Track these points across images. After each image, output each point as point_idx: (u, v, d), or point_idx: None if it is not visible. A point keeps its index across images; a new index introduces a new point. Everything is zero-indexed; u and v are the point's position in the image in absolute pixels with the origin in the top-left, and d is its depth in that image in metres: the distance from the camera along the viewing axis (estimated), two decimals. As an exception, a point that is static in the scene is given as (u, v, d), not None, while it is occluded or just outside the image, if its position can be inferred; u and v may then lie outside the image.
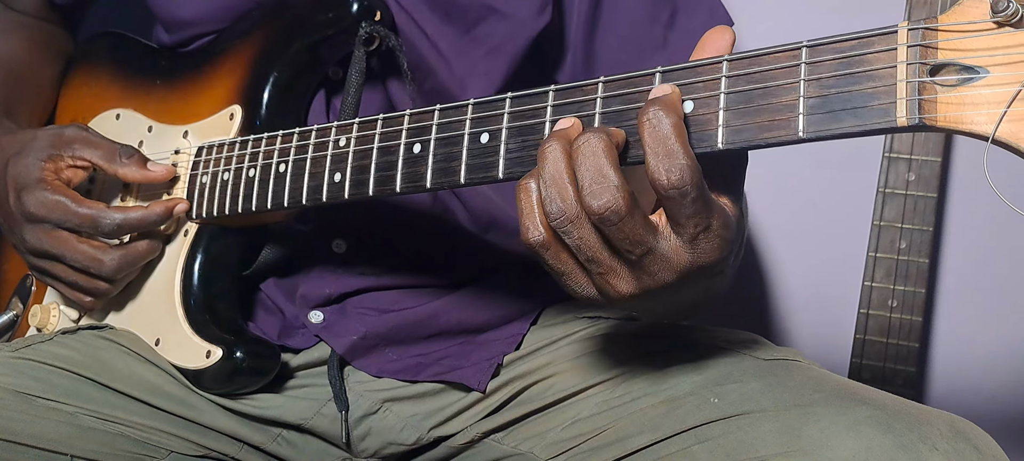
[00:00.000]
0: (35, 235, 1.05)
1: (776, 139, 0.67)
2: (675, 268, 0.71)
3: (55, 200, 1.03)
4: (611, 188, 0.68)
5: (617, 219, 0.68)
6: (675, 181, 0.67)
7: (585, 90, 0.75)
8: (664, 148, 0.67)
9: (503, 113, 0.79)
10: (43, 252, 1.06)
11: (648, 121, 0.68)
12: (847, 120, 0.64)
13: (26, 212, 1.04)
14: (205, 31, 1.18)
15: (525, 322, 1.14)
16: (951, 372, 1.70)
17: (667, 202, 0.68)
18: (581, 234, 0.71)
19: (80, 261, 1.04)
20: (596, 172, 0.68)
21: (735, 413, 0.87)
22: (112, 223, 1.03)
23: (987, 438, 0.81)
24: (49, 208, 1.03)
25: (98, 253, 1.04)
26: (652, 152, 0.68)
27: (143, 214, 1.04)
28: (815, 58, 0.66)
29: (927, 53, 0.62)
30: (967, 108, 0.60)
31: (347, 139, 0.91)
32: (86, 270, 1.05)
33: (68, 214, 1.03)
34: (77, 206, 1.03)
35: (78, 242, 1.04)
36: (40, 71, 1.31)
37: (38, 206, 1.04)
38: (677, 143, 0.67)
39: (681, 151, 0.67)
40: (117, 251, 1.05)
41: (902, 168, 1.52)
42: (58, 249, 1.04)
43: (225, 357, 1.01)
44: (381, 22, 1.06)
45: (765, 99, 0.67)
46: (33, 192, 1.04)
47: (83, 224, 1.03)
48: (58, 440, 0.96)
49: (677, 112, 0.69)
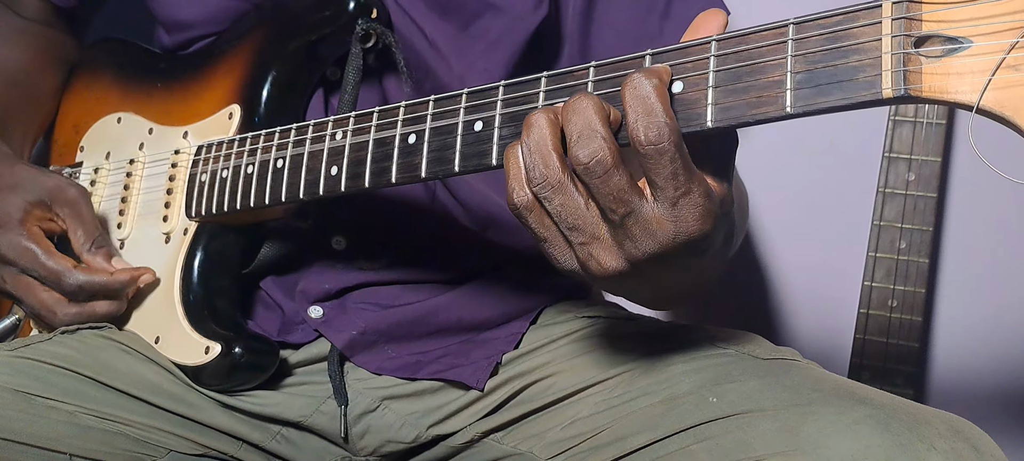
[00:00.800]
0: (3, 275, 1.08)
1: (764, 115, 0.67)
2: (658, 236, 0.71)
3: (26, 247, 1.05)
4: (598, 138, 0.69)
5: (602, 170, 0.69)
6: (653, 137, 0.68)
7: (576, 75, 0.76)
8: (644, 106, 0.68)
9: (496, 101, 0.80)
10: (5, 291, 1.09)
11: (630, 83, 0.69)
12: (834, 94, 0.64)
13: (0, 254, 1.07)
14: (205, 33, 1.19)
15: (525, 321, 1.14)
16: (951, 372, 1.70)
17: (646, 161, 0.69)
18: (562, 201, 0.71)
19: (36, 308, 1.07)
20: (585, 125, 0.70)
21: (734, 412, 0.87)
22: (74, 283, 1.05)
23: (986, 438, 0.82)
24: (18, 253, 1.05)
25: (54, 306, 1.07)
26: (632, 110, 0.69)
27: (106, 280, 1.06)
28: (801, 35, 0.66)
29: (911, 26, 0.62)
30: (952, 78, 0.61)
31: (343, 132, 0.92)
32: (39, 316, 1.08)
33: (35, 264, 1.05)
34: (46, 259, 1.05)
35: (40, 290, 1.06)
36: (41, 80, 1.32)
37: (9, 248, 1.06)
38: (657, 102, 0.68)
39: (661, 110, 0.68)
40: (73, 307, 1.07)
41: (902, 168, 1.52)
42: (19, 292, 1.07)
43: (224, 353, 1.02)
44: (377, 19, 1.07)
45: (753, 76, 0.68)
46: (7, 233, 1.06)
47: (48, 278, 1.05)
48: (57, 439, 0.96)
49: (660, 77, 0.70)
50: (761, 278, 1.73)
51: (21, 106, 1.28)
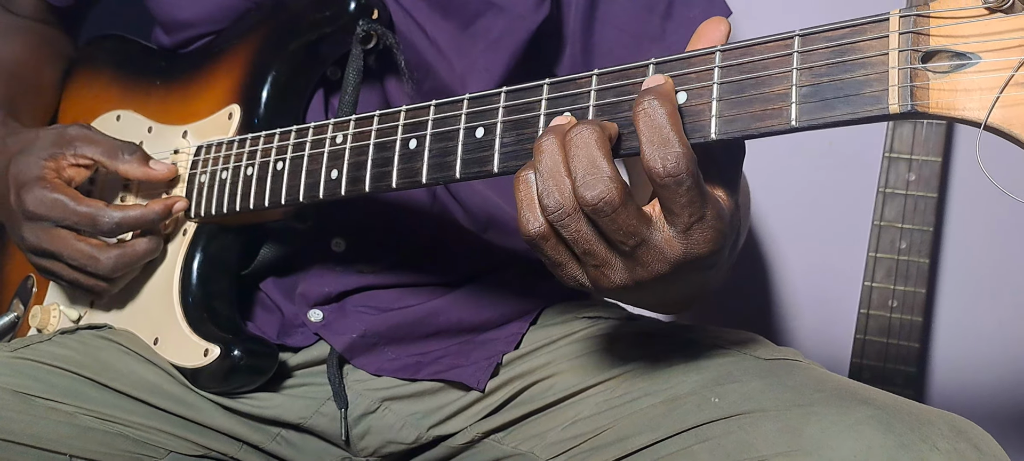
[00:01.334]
0: (34, 233, 1.05)
1: (769, 128, 0.67)
2: (668, 259, 0.71)
3: (54, 198, 1.03)
4: (604, 178, 0.68)
5: (610, 210, 0.68)
6: (671, 168, 0.67)
7: (579, 83, 0.75)
8: (659, 136, 0.67)
9: (498, 107, 0.79)
10: (42, 250, 1.05)
11: (643, 110, 0.68)
12: (840, 108, 0.64)
13: (25, 210, 1.04)
14: (204, 32, 1.19)
15: (525, 321, 1.14)
16: (951, 372, 1.70)
17: (662, 190, 0.69)
18: (577, 227, 0.71)
19: (78, 259, 1.04)
20: (589, 163, 0.69)
21: (735, 413, 0.87)
22: (110, 221, 1.03)
23: (987, 437, 0.81)
24: (48, 206, 1.03)
25: (95, 252, 1.04)
26: (647, 141, 0.68)
27: (141, 213, 1.04)
28: (807, 47, 0.66)
29: (919, 40, 0.62)
30: (959, 94, 0.61)
31: (344, 136, 0.92)
32: (83, 269, 1.05)
33: (66, 212, 1.03)
34: (75, 204, 1.03)
35: (76, 240, 1.04)
36: (41, 73, 1.31)
37: (37, 204, 1.03)
38: (672, 131, 0.67)
39: (676, 139, 0.67)
40: (114, 250, 1.04)
41: (902, 168, 1.52)
42: (56, 247, 1.04)
43: (223, 355, 1.01)
44: (378, 20, 1.06)
45: (758, 88, 0.67)
46: (32, 190, 1.04)
47: (81, 222, 1.03)
48: (57, 440, 0.96)
49: (671, 101, 0.69)
50: (762, 278, 1.73)
51: (25, 95, 1.28)
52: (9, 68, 1.28)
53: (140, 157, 1.07)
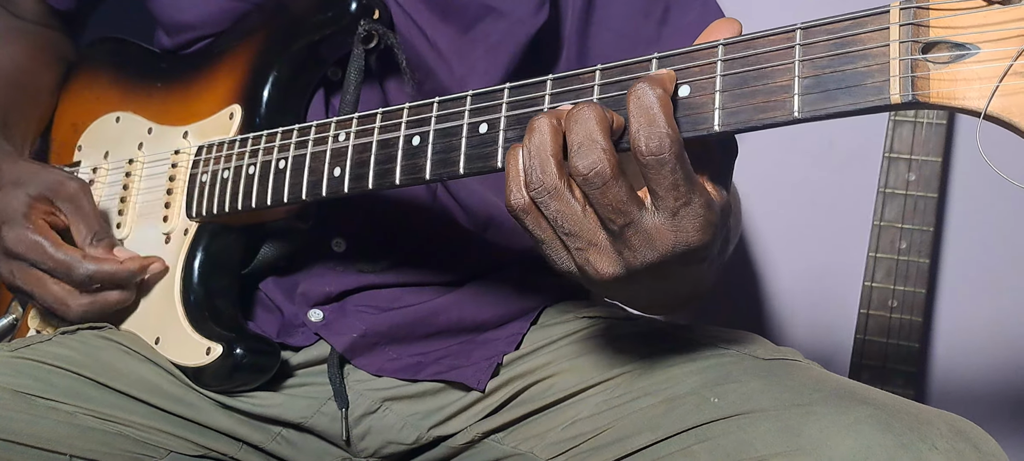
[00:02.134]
0: (9, 268, 1.07)
1: (772, 120, 0.67)
2: (657, 246, 0.72)
3: (33, 240, 1.05)
4: (598, 149, 0.69)
5: (601, 182, 0.69)
6: (654, 147, 0.68)
7: (582, 78, 0.76)
8: (646, 117, 0.68)
9: (501, 103, 0.79)
10: (16, 287, 1.08)
11: (634, 93, 0.69)
12: (842, 99, 0.64)
13: (5, 246, 1.06)
14: (205, 34, 1.19)
15: (525, 322, 1.14)
16: (951, 372, 1.70)
17: (647, 171, 0.69)
18: (558, 207, 0.72)
19: (48, 301, 1.06)
20: (585, 135, 0.70)
21: (735, 413, 0.87)
22: (84, 273, 1.04)
23: (987, 437, 0.81)
24: (26, 247, 1.05)
25: (66, 297, 1.06)
26: (635, 120, 0.69)
27: (115, 269, 1.05)
28: (809, 39, 0.66)
29: (919, 31, 0.62)
30: (959, 84, 0.61)
31: (347, 134, 0.92)
32: (53, 309, 1.07)
33: (44, 257, 1.05)
34: (54, 250, 1.05)
35: (51, 283, 1.06)
36: (39, 78, 1.31)
37: (16, 242, 1.05)
38: (660, 112, 0.68)
39: (663, 120, 0.68)
40: (85, 298, 1.06)
41: (902, 168, 1.52)
42: (29, 286, 1.07)
43: (225, 354, 1.01)
44: (380, 20, 1.07)
45: (760, 81, 0.68)
46: (14, 228, 1.06)
47: (57, 269, 1.05)
48: (57, 439, 0.96)
49: (664, 87, 0.70)
50: (762, 278, 1.73)
51: (20, 105, 1.28)
52: (7, 75, 1.28)
53: (105, 246, 1.08)
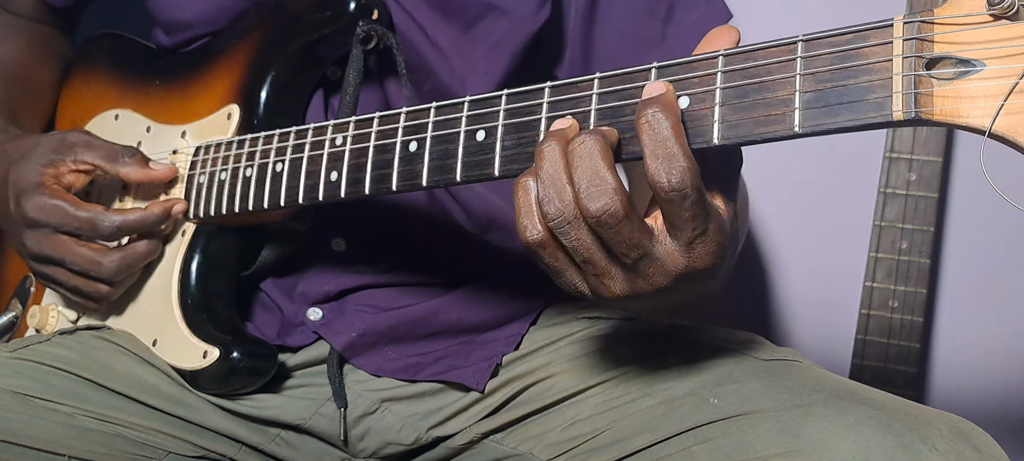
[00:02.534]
0: (35, 240, 1.05)
1: (772, 134, 0.66)
2: (669, 272, 0.71)
3: (53, 204, 1.04)
4: (608, 191, 0.68)
5: (614, 222, 0.68)
6: (676, 183, 0.67)
7: (580, 87, 0.75)
8: (664, 150, 0.67)
9: (499, 110, 0.79)
10: (43, 256, 1.06)
11: (647, 122, 0.68)
12: (843, 114, 0.64)
13: (25, 216, 1.05)
14: (203, 33, 1.18)
15: (524, 322, 1.14)
16: (952, 373, 1.70)
17: (666, 204, 0.68)
18: (578, 235, 0.70)
19: (79, 264, 1.04)
20: (593, 174, 0.68)
21: (734, 414, 0.87)
22: (111, 225, 1.03)
23: (987, 438, 0.81)
24: (47, 212, 1.04)
25: (97, 256, 1.04)
26: (651, 154, 0.67)
27: (141, 216, 1.04)
28: (811, 53, 0.65)
29: (923, 46, 0.61)
30: (964, 101, 0.60)
31: (343, 138, 0.91)
32: (86, 273, 1.05)
33: (66, 218, 1.03)
34: (75, 209, 1.04)
35: (77, 245, 1.04)
36: (40, 74, 1.31)
37: (37, 210, 1.04)
38: (677, 145, 0.67)
39: (681, 153, 0.67)
40: (116, 253, 1.05)
41: (903, 168, 1.52)
42: (58, 253, 1.04)
43: (222, 357, 1.01)
44: (379, 21, 1.06)
45: (761, 94, 0.67)
46: (32, 197, 1.04)
47: (82, 227, 1.04)
48: (56, 441, 0.96)
49: (675, 112, 0.69)
50: (762, 278, 1.73)
51: (25, 100, 1.28)
52: (8, 70, 1.28)
53: (139, 160, 1.07)
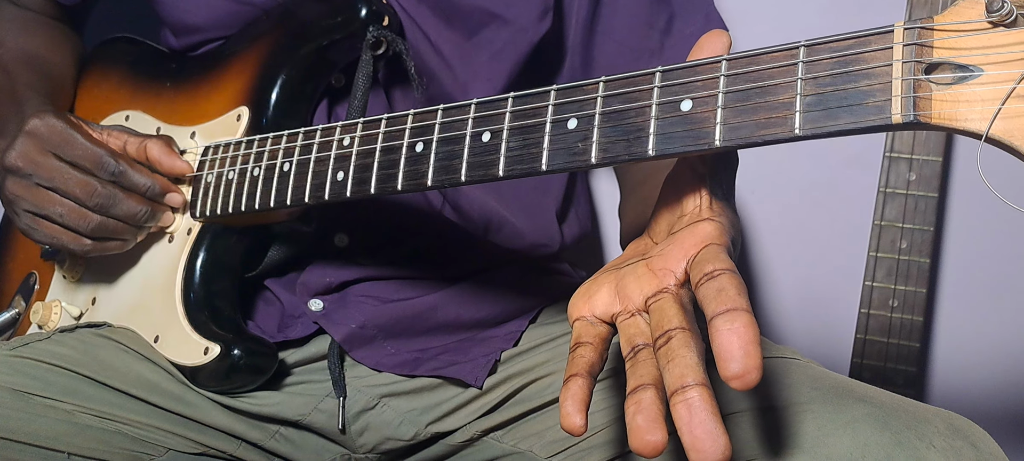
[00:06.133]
0: (23, 149, 1.01)
1: (773, 136, 0.67)
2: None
3: (63, 127, 1.01)
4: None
5: None
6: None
7: (585, 90, 0.75)
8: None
9: (505, 112, 0.79)
10: (21, 169, 1.02)
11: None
12: (843, 117, 0.64)
13: (25, 125, 1.01)
14: (213, 37, 1.19)
15: (524, 319, 1.15)
16: (952, 372, 1.70)
17: None
18: None
19: (69, 185, 1.01)
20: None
21: (732, 411, 0.88)
22: (114, 167, 1.01)
23: (985, 436, 0.82)
24: (54, 132, 1.01)
25: (93, 180, 1.01)
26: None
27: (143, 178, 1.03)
28: (812, 57, 0.66)
29: (923, 52, 0.62)
30: (962, 106, 0.61)
31: (351, 138, 0.92)
32: (73, 195, 1.01)
33: (72, 144, 1.01)
34: (84, 140, 1.01)
35: (72, 169, 1.01)
36: (64, 71, 1.31)
37: (42, 125, 1.01)
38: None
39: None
40: (111, 186, 1.02)
41: (903, 168, 1.52)
42: (38, 169, 1.01)
43: (223, 354, 1.02)
44: (389, 27, 1.07)
45: (762, 97, 0.67)
46: (44, 115, 1.02)
47: (84, 157, 1.01)
48: (56, 438, 0.97)
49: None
50: (762, 278, 1.73)
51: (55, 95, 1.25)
52: (39, 65, 1.26)
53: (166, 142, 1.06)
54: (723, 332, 0.62)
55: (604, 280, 0.77)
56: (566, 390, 0.69)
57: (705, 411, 0.62)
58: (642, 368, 0.68)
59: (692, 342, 0.66)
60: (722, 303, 0.64)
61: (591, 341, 0.73)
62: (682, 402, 0.62)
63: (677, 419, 0.63)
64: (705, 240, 0.71)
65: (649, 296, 0.72)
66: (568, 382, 0.69)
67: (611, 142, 0.73)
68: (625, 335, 0.72)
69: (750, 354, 0.61)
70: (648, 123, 0.71)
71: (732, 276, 0.66)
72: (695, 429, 0.62)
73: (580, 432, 0.67)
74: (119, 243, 1.06)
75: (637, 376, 0.68)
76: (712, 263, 0.67)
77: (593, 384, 0.71)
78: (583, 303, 0.76)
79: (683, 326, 0.67)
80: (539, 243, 1.18)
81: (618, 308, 0.74)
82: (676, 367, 0.64)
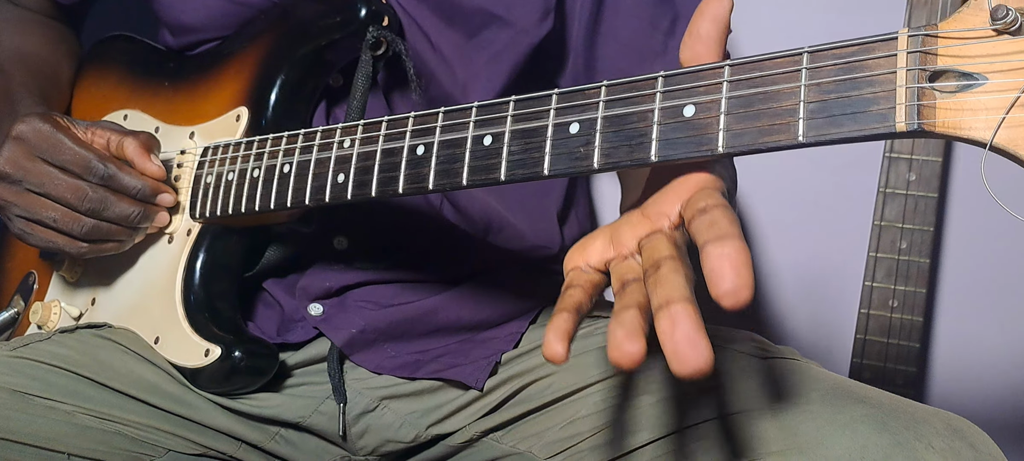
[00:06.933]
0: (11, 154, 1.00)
1: (776, 143, 0.67)
2: None
3: (50, 131, 1.00)
4: None
5: None
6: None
7: (587, 94, 0.75)
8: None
9: (507, 116, 0.79)
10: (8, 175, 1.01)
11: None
12: (847, 125, 0.64)
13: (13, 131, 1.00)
14: (210, 37, 1.19)
15: (524, 321, 1.15)
16: (951, 372, 1.70)
17: None
18: None
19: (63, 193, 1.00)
20: None
21: (732, 411, 0.88)
22: (103, 170, 1.00)
23: (984, 436, 0.82)
24: (42, 137, 0.99)
25: (83, 185, 1.00)
26: None
27: (132, 180, 1.02)
28: (816, 63, 0.66)
29: (927, 59, 0.62)
30: (966, 114, 0.60)
31: (351, 140, 0.92)
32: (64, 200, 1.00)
33: (60, 148, 0.99)
34: (73, 143, 1.00)
35: (61, 173, 1.00)
36: (61, 70, 1.30)
37: (29, 130, 0.99)
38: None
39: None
40: (102, 189, 1.01)
41: (903, 168, 1.52)
42: (27, 174, 1.00)
43: (223, 356, 1.02)
44: (388, 27, 1.07)
45: (766, 104, 0.67)
46: (31, 120, 1.00)
47: (73, 161, 1.00)
48: (56, 439, 0.96)
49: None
50: (762, 278, 1.73)
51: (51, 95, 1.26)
52: (35, 64, 1.26)
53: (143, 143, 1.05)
54: (714, 256, 0.61)
55: (599, 233, 0.76)
56: (550, 323, 0.67)
57: (688, 322, 0.60)
58: (629, 297, 0.67)
59: (681, 269, 0.65)
60: (714, 232, 0.63)
61: (582, 285, 0.72)
62: (666, 316, 0.61)
63: (660, 332, 0.61)
64: (699, 185, 0.71)
65: (642, 237, 0.71)
66: (553, 317, 0.68)
67: (613, 147, 0.73)
68: (616, 274, 0.71)
69: (741, 274, 0.61)
70: (651, 128, 0.71)
71: (725, 210, 0.66)
72: (677, 338, 0.60)
73: (560, 361, 0.65)
74: (115, 244, 1.06)
75: (622, 302, 0.66)
76: (705, 200, 0.67)
77: (579, 320, 0.69)
78: (578, 255, 0.76)
79: (673, 256, 0.66)
80: (540, 244, 1.18)
81: (611, 254, 0.73)
82: (662, 289, 0.63)
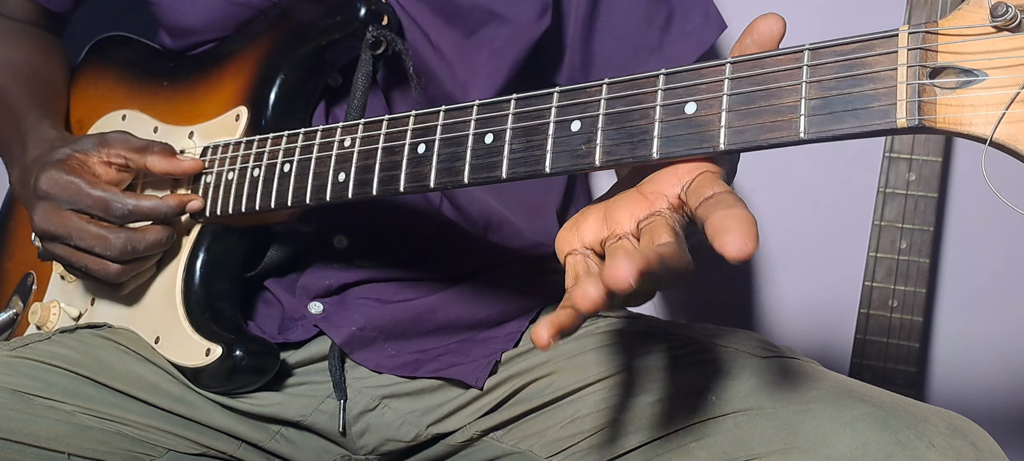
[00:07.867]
0: (43, 212, 1.02)
1: (777, 140, 0.67)
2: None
3: (69, 180, 1.01)
4: None
5: None
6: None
7: (589, 92, 0.75)
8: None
9: (508, 114, 0.79)
10: (49, 233, 1.03)
11: None
12: (848, 121, 0.64)
13: (38, 189, 1.02)
14: (209, 39, 1.19)
15: (524, 320, 1.15)
16: (951, 372, 1.70)
17: None
18: None
19: (87, 240, 1.01)
20: None
21: (732, 411, 0.88)
22: (123, 207, 1.01)
23: (985, 435, 0.82)
24: (62, 187, 1.01)
25: (106, 233, 1.01)
26: None
27: (155, 204, 1.02)
28: (817, 61, 0.66)
29: (927, 56, 0.62)
30: (966, 110, 0.61)
31: (352, 139, 0.92)
32: (92, 250, 1.02)
33: (80, 194, 1.01)
34: (90, 188, 1.01)
35: (86, 222, 1.01)
36: (55, 75, 1.30)
37: (50, 184, 1.01)
38: None
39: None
40: (123, 231, 1.02)
41: (903, 168, 1.52)
42: (65, 229, 1.01)
43: (224, 355, 1.02)
44: (388, 26, 1.07)
45: (767, 100, 0.67)
46: (48, 171, 1.02)
47: (95, 206, 1.01)
48: (56, 438, 0.97)
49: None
50: (761, 277, 1.73)
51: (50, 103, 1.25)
52: (32, 74, 1.26)
53: (166, 150, 1.05)
54: (719, 216, 0.62)
55: (591, 211, 0.75)
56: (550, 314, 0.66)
57: (636, 253, 0.61)
58: None
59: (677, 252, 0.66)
60: (720, 207, 0.64)
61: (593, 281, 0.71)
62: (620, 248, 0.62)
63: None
64: (699, 168, 0.70)
65: (641, 219, 0.71)
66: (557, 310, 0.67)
67: (615, 144, 0.73)
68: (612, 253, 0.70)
69: (747, 232, 0.61)
70: (652, 125, 0.71)
71: (731, 194, 0.66)
72: (617, 263, 0.60)
73: (543, 346, 0.65)
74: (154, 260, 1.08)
75: None
76: (711, 188, 0.67)
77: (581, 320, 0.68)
78: (572, 235, 0.74)
79: (672, 241, 0.66)
80: (540, 242, 1.18)
81: (606, 233, 0.73)
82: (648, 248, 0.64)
